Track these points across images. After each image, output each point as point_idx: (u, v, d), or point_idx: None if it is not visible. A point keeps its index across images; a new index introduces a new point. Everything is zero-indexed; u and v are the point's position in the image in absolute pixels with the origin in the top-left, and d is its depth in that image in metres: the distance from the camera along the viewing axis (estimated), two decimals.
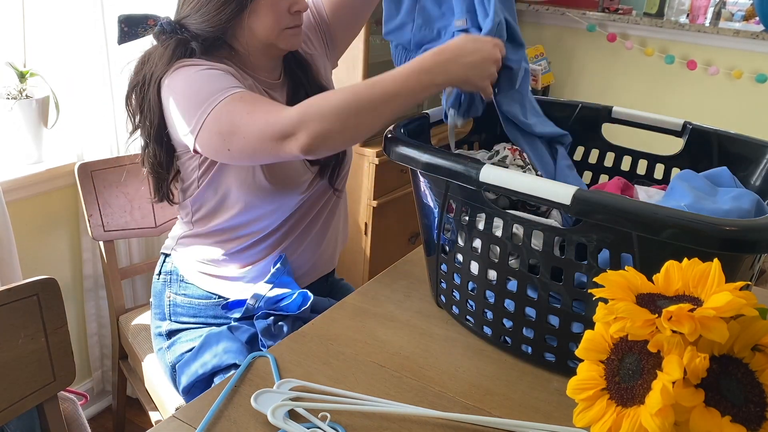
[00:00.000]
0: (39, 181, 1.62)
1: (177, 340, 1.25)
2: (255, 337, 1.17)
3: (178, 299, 1.26)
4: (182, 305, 1.26)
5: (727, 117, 2.64)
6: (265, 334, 1.14)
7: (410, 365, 0.89)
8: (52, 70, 1.61)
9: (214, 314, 1.25)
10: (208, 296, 1.25)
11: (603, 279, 0.57)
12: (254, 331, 1.17)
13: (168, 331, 1.27)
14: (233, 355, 1.15)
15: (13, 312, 0.90)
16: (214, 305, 1.25)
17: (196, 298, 1.26)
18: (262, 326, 1.15)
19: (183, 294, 1.26)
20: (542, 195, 0.76)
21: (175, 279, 1.27)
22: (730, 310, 0.50)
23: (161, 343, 1.28)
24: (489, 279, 0.89)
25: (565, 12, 2.83)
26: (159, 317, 1.29)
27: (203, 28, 1.12)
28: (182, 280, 1.27)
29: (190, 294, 1.26)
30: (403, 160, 0.89)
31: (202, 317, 1.25)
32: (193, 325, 1.26)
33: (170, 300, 1.27)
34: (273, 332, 1.15)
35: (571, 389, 0.58)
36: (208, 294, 1.25)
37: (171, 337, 1.26)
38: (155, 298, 1.31)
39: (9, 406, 0.91)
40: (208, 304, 1.25)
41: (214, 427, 0.76)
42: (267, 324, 1.15)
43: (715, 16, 2.66)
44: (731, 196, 0.87)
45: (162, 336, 1.28)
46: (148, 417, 1.53)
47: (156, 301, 1.30)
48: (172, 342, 1.26)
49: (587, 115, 1.16)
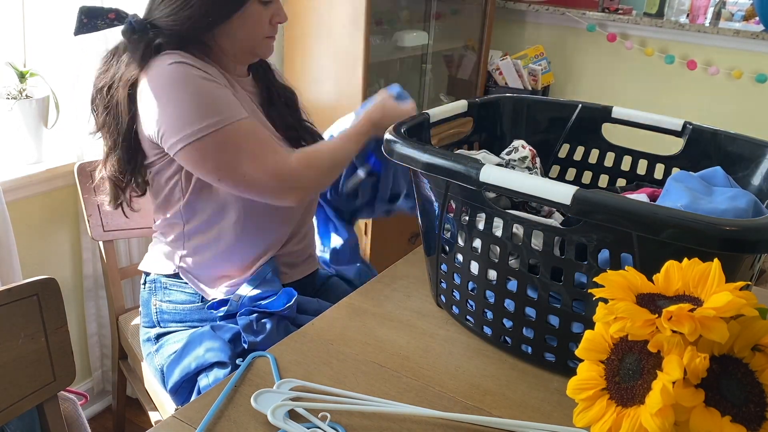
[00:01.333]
0: (39, 181, 1.62)
1: (164, 342, 1.25)
2: (238, 336, 1.16)
3: (163, 306, 1.26)
4: (168, 311, 1.26)
5: (727, 117, 2.64)
6: (246, 331, 1.13)
7: (410, 365, 0.89)
8: (52, 70, 1.61)
9: (200, 317, 1.25)
10: (192, 300, 1.25)
11: (603, 279, 0.57)
12: (237, 330, 1.16)
13: (156, 335, 1.27)
14: (215, 353, 1.14)
15: (13, 312, 0.90)
16: (198, 309, 1.25)
17: (181, 304, 1.26)
18: (243, 323, 1.14)
19: (168, 300, 1.26)
20: (542, 195, 0.76)
21: (160, 287, 1.27)
22: (730, 310, 0.50)
23: (150, 347, 1.28)
24: (489, 279, 0.89)
25: (565, 12, 2.83)
26: (148, 324, 1.29)
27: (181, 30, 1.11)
28: (166, 287, 1.26)
29: (175, 300, 1.26)
30: (404, 160, 0.89)
31: (188, 321, 1.26)
32: (181, 328, 1.26)
33: (156, 307, 1.27)
34: (255, 329, 1.14)
35: (571, 389, 0.58)
36: (192, 298, 1.25)
37: (159, 340, 1.27)
38: (143, 306, 1.31)
39: (9, 406, 0.91)
40: (193, 308, 1.25)
41: (214, 427, 0.76)
42: (249, 321, 1.14)
43: (715, 16, 2.66)
44: (727, 196, 0.87)
45: (151, 341, 1.28)
46: (148, 417, 1.53)
47: (144, 310, 1.30)
48: (160, 345, 1.26)
49: (587, 115, 1.16)
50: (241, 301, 1.17)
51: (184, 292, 1.25)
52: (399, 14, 2.52)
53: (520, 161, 1.08)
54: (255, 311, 1.15)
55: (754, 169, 0.99)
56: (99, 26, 1.15)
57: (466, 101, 1.13)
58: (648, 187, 1.05)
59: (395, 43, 2.43)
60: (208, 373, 1.15)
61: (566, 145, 1.18)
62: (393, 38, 2.43)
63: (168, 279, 1.26)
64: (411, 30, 2.48)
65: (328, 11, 2.13)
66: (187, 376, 1.17)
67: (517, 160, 1.09)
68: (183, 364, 1.18)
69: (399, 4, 2.52)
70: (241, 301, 1.17)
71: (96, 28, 1.15)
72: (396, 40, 2.43)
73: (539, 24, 2.99)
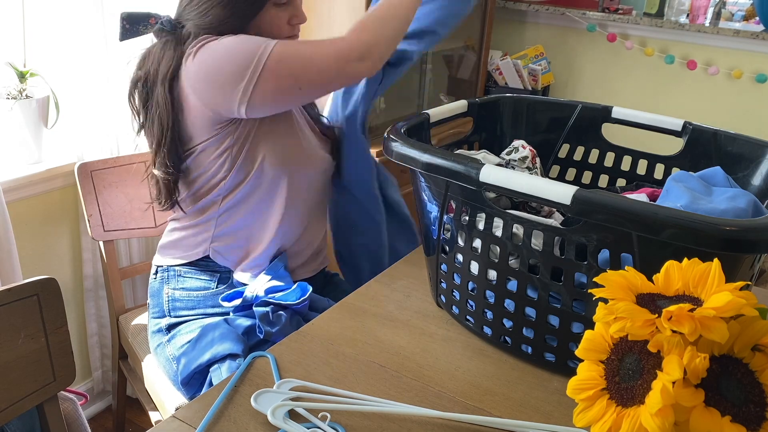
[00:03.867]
0: (39, 181, 1.62)
1: (177, 333, 1.26)
2: (252, 328, 1.17)
3: (176, 293, 1.27)
4: (181, 299, 1.27)
5: (727, 117, 2.64)
6: (263, 320, 1.15)
7: (410, 365, 0.89)
8: (52, 70, 1.61)
9: (213, 304, 1.25)
10: (206, 287, 1.26)
11: (603, 279, 0.57)
12: (251, 323, 1.17)
13: (168, 325, 1.27)
14: (230, 345, 1.15)
15: (13, 312, 0.90)
16: (212, 295, 1.26)
17: (194, 290, 1.27)
18: (260, 313, 1.15)
19: (181, 288, 1.27)
20: (542, 195, 0.76)
21: (173, 275, 1.28)
22: (730, 310, 0.50)
23: (161, 338, 1.28)
24: (489, 279, 0.89)
25: (565, 12, 2.83)
26: (158, 315, 1.29)
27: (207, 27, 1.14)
28: (180, 275, 1.27)
29: (188, 287, 1.27)
30: (403, 160, 0.89)
31: (200, 308, 1.26)
32: (192, 317, 1.26)
33: (169, 296, 1.28)
34: (271, 320, 1.15)
35: (571, 389, 0.58)
36: (206, 285, 1.26)
37: (170, 331, 1.27)
38: (153, 297, 1.31)
39: (9, 406, 0.91)
40: (207, 294, 1.26)
41: (214, 427, 0.76)
42: (265, 311, 1.15)
43: (715, 16, 2.66)
44: (727, 196, 0.87)
45: (161, 331, 1.28)
46: (148, 417, 1.53)
47: (154, 300, 1.30)
48: (172, 335, 1.26)
49: (587, 115, 1.16)
50: (255, 293, 1.18)
51: (199, 279, 1.27)
52: None
53: (520, 161, 1.08)
54: (270, 302, 1.17)
55: (754, 169, 0.99)
56: (141, 31, 1.19)
57: (466, 101, 1.13)
58: (648, 187, 1.05)
59: None
60: (221, 365, 1.16)
61: (566, 145, 1.18)
62: None
63: (182, 267, 1.27)
64: None
65: (328, 11, 2.13)
66: (199, 368, 1.18)
67: (517, 160, 1.09)
68: (196, 356, 1.18)
69: None
70: (256, 293, 1.18)
71: (138, 33, 1.20)
72: None
73: (539, 24, 2.99)
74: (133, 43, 1.22)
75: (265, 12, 1.16)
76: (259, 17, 1.16)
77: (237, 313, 1.21)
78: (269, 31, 1.18)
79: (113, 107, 1.69)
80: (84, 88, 1.64)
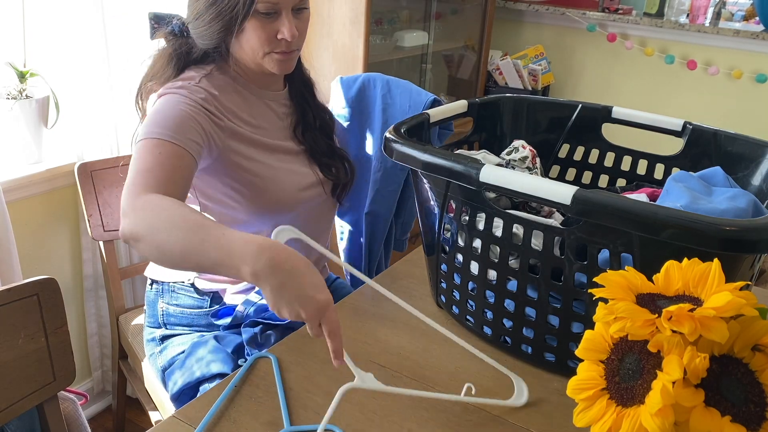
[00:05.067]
0: (39, 181, 1.62)
1: (168, 344, 1.25)
2: (241, 347, 1.16)
3: (170, 309, 1.26)
4: (175, 315, 1.26)
5: (727, 117, 2.64)
6: (250, 343, 1.13)
7: (410, 365, 0.89)
8: (52, 70, 1.61)
9: (207, 323, 1.24)
10: (200, 305, 1.25)
11: (603, 279, 0.57)
12: (240, 341, 1.16)
13: (162, 336, 1.27)
14: (218, 365, 1.14)
15: (13, 312, 0.90)
16: (206, 314, 1.25)
17: (188, 308, 1.25)
18: (247, 336, 1.13)
19: (175, 304, 1.26)
20: (542, 195, 0.76)
21: (167, 290, 1.27)
22: (730, 310, 0.50)
23: (153, 348, 1.28)
24: (489, 279, 0.89)
25: (565, 12, 2.83)
26: (153, 325, 1.29)
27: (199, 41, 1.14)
28: (173, 290, 1.26)
29: (182, 304, 1.25)
30: (404, 159, 0.89)
31: (195, 326, 1.25)
32: (187, 332, 1.26)
33: (163, 310, 1.27)
34: (259, 341, 1.14)
35: (571, 389, 0.58)
36: (200, 303, 1.25)
37: (163, 342, 1.27)
38: (149, 306, 1.30)
39: (9, 406, 0.91)
40: (201, 312, 1.25)
41: (214, 427, 0.76)
42: (253, 333, 1.13)
43: (715, 16, 2.66)
44: (727, 196, 0.87)
45: (155, 341, 1.28)
46: (148, 417, 1.53)
47: (149, 310, 1.30)
48: (164, 347, 1.26)
49: (587, 115, 1.16)
50: (246, 312, 1.17)
51: (192, 297, 1.25)
52: (399, 14, 2.52)
53: (520, 161, 1.08)
54: (259, 323, 1.15)
55: (754, 169, 0.99)
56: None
57: (466, 101, 1.13)
58: (648, 187, 1.05)
59: (395, 42, 2.43)
60: (211, 384, 1.15)
61: (566, 145, 1.18)
62: (393, 38, 2.43)
63: (176, 283, 1.26)
64: (411, 30, 2.49)
65: (328, 11, 2.13)
66: (188, 385, 1.17)
67: (517, 160, 1.09)
68: (186, 372, 1.18)
69: (399, 4, 2.52)
70: (247, 311, 1.17)
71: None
72: (396, 40, 2.43)
73: (539, 24, 2.99)
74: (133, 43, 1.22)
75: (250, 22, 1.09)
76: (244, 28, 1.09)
77: (227, 330, 1.20)
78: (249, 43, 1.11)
79: (113, 107, 1.69)
80: (84, 88, 1.64)
